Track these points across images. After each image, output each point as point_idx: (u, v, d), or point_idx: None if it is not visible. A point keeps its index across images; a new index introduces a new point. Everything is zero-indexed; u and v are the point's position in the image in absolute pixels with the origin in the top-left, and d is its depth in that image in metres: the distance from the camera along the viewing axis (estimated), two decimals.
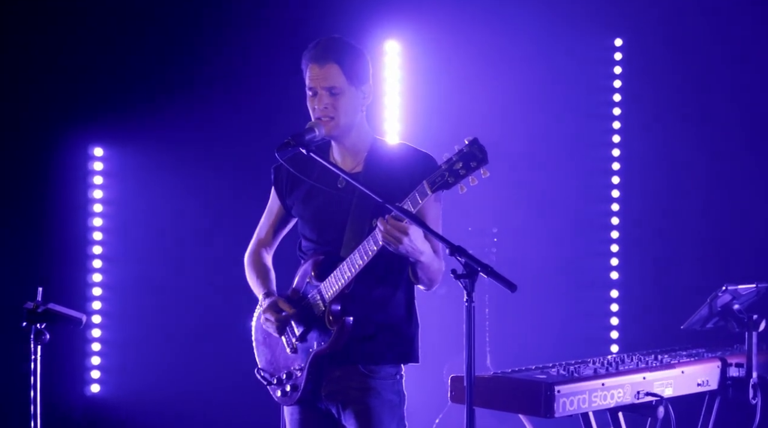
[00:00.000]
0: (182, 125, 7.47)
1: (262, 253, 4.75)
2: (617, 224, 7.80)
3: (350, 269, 4.24)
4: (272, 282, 4.67)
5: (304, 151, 4.28)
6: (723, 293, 5.01)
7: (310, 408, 4.48)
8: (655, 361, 4.84)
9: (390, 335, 4.39)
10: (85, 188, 7.46)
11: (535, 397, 4.27)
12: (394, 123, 7.68)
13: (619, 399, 4.50)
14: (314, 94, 4.38)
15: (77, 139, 7.42)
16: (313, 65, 4.38)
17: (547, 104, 7.74)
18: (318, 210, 4.47)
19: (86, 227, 7.47)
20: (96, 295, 7.49)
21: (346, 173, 4.30)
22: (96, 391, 7.49)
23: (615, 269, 7.79)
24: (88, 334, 7.45)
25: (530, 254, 7.62)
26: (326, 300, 4.34)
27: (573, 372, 4.48)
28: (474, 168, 3.97)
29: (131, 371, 7.50)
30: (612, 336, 7.74)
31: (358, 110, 4.41)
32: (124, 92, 7.42)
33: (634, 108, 7.78)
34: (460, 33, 7.69)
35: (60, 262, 7.39)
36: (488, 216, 7.62)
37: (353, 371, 4.37)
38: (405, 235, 4.01)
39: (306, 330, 4.40)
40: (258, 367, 4.63)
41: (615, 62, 7.83)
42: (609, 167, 7.82)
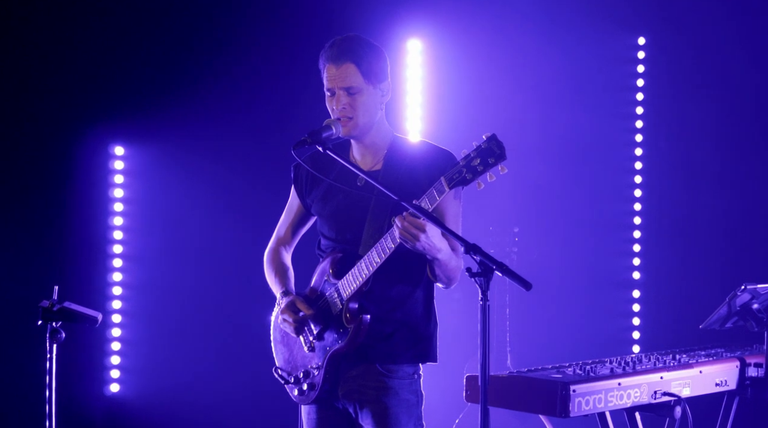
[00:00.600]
0: (203, 123, 7.46)
1: (281, 251, 4.75)
2: (639, 223, 7.76)
3: (368, 267, 4.22)
4: (290, 281, 4.66)
5: (321, 148, 4.26)
6: (742, 292, 4.95)
7: (328, 407, 4.46)
8: (673, 361, 4.79)
9: (408, 334, 4.36)
10: (106, 187, 7.44)
11: (550, 397, 4.23)
12: (416, 122, 7.64)
13: (636, 399, 4.45)
14: (332, 95, 4.37)
15: (98, 137, 7.40)
16: (330, 66, 4.35)
17: (570, 103, 7.68)
18: (337, 209, 4.46)
19: (107, 226, 7.45)
20: (116, 294, 7.47)
21: (365, 171, 4.27)
22: (115, 391, 7.47)
23: (637, 269, 7.74)
24: (108, 333, 7.44)
25: (552, 254, 7.59)
26: (344, 298, 4.32)
27: (589, 372, 4.43)
28: (492, 164, 3.93)
29: (151, 370, 7.48)
30: (634, 337, 7.69)
31: (377, 108, 4.39)
32: (145, 91, 7.41)
33: (657, 107, 7.73)
34: (482, 31, 7.66)
35: (80, 261, 7.37)
36: (510, 216, 7.59)
37: (371, 370, 4.35)
38: (422, 232, 3.98)
39: (323, 328, 4.39)
40: (276, 366, 4.62)
41: (638, 61, 7.79)
42: (632, 166, 7.78)
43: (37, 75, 7.21)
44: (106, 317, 7.40)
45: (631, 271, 7.75)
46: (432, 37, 7.70)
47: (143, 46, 7.41)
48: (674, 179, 7.66)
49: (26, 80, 7.18)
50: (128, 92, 7.40)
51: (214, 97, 7.47)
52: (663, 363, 4.73)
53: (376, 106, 4.38)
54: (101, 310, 7.30)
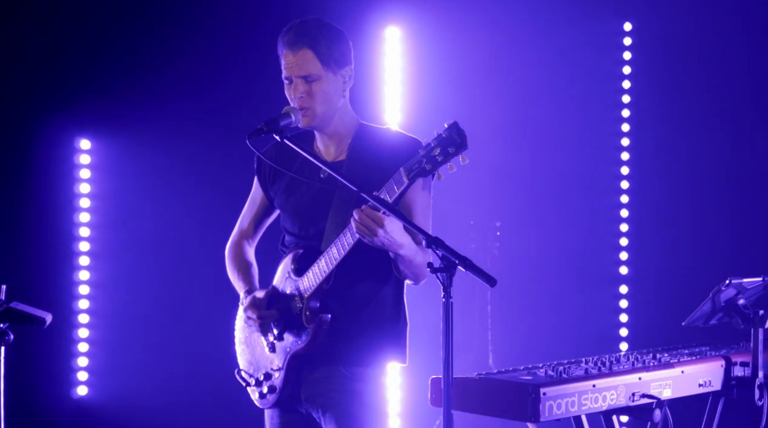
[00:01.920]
0: (172, 116, 7.28)
1: (243, 246, 4.56)
2: (627, 216, 7.59)
3: (328, 264, 4.02)
4: (254, 278, 4.46)
5: (278, 138, 4.07)
6: (726, 287, 4.70)
7: (290, 411, 4.27)
8: (653, 360, 4.55)
9: (374, 334, 4.15)
10: (72, 182, 7.25)
11: (519, 400, 4.00)
12: (394, 112, 7.43)
13: (612, 401, 4.21)
14: (290, 83, 4.17)
15: (63, 131, 7.21)
16: (287, 52, 4.15)
17: (554, 92, 7.51)
18: (299, 202, 4.25)
19: (72, 223, 7.26)
20: (83, 293, 7.26)
21: (327, 162, 4.13)
22: (83, 394, 7.28)
23: (624, 264, 7.56)
24: (74, 334, 7.24)
25: (535, 249, 7.44)
26: (304, 297, 4.12)
27: (562, 373, 4.18)
28: (452, 154, 3.72)
29: (119, 372, 7.29)
30: (621, 334, 7.53)
31: (339, 95, 4.19)
32: (111, 83, 7.21)
33: (644, 96, 7.55)
34: (464, 18, 7.49)
35: (45, 259, 7.19)
36: (491, 209, 7.42)
37: (335, 372, 4.15)
38: (380, 226, 3.78)
39: (284, 327, 4.19)
40: (238, 368, 4.43)
41: (624, 47, 7.60)
42: (618, 157, 7.60)
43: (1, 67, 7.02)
44: (72, 317, 7.22)
45: (618, 266, 7.57)
46: (411, 24, 7.49)
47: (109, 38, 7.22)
48: (662, 170, 7.49)
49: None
50: (94, 84, 7.20)
51: (185, 90, 7.29)
52: (642, 363, 4.48)
53: (336, 93, 4.18)
54: (67, 310, 7.21)
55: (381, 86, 7.42)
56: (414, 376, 6.92)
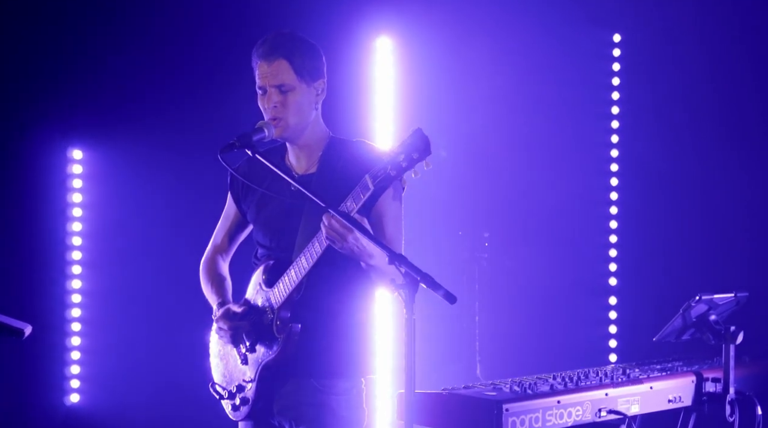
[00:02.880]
0: (164, 126, 7.28)
1: (217, 260, 4.66)
2: (616, 228, 7.54)
3: (297, 274, 4.08)
4: (228, 291, 4.54)
5: (250, 152, 4.12)
6: (697, 303, 4.72)
7: (263, 424, 4.32)
8: (622, 376, 4.57)
9: (345, 346, 4.21)
10: (64, 192, 7.27)
11: (482, 416, 4.03)
12: (386, 124, 7.40)
13: (578, 417, 4.23)
14: (264, 93, 4.28)
15: (55, 141, 7.24)
16: (261, 63, 4.25)
17: (543, 103, 7.48)
18: (271, 216, 4.32)
19: (65, 232, 7.28)
20: (75, 302, 7.28)
21: (298, 175, 4.22)
22: (75, 401, 7.30)
23: (614, 275, 7.52)
24: (67, 342, 7.26)
25: (524, 260, 7.41)
26: (274, 307, 4.16)
27: (527, 389, 4.20)
28: (416, 160, 3.77)
29: (111, 380, 7.31)
30: (611, 345, 7.48)
31: (311, 108, 4.25)
32: (103, 93, 7.22)
33: (634, 106, 7.52)
34: (455, 29, 7.45)
35: (38, 268, 7.21)
36: (480, 219, 7.41)
37: (306, 385, 4.20)
38: (350, 232, 3.83)
39: (256, 339, 4.25)
40: (212, 381, 4.49)
41: (613, 59, 7.57)
42: (607, 168, 7.57)
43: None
44: (65, 325, 7.25)
45: (607, 277, 7.53)
46: (403, 34, 7.45)
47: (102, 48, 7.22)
48: (652, 181, 7.44)
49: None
50: (86, 94, 7.22)
51: (177, 100, 7.28)
52: (610, 378, 4.50)
53: (309, 105, 4.24)
54: (59, 318, 7.24)
55: (372, 97, 7.38)
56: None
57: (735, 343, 4.66)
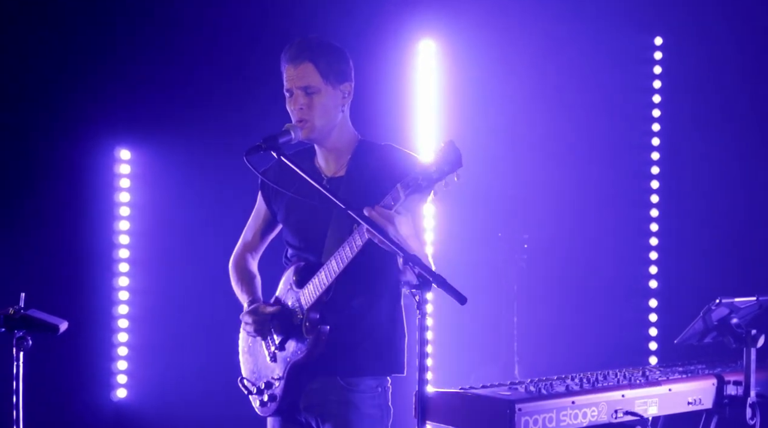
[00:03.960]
0: (210, 126, 7.37)
1: (247, 258, 4.73)
2: (657, 230, 7.53)
3: (327, 276, 4.15)
4: (257, 289, 4.62)
5: (275, 154, 4.19)
6: (717, 306, 4.72)
7: (290, 420, 4.40)
8: (641, 378, 4.57)
9: (371, 346, 4.28)
10: (112, 192, 7.40)
11: (496, 416, 4.05)
12: (428, 127, 7.45)
13: (593, 418, 4.24)
14: (291, 95, 4.35)
15: (104, 141, 7.36)
16: (288, 66, 4.34)
17: (584, 105, 7.49)
18: (300, 217, 4.40)
19: (112, 231, 7.41)
20: (123, 299, 7.41)
21: (324, 178, 4.32)
22: (122, 397, 7.43)
23: (654, 278, 7.51)
24: (114, 339, 7.40)
25: (564, 262, 7.42)
26: (304, 308, 4.25)
27: (542, 389, 4.23)
28: (447, 172, 3.80)
29: (157, 375, 7.44)
30: (651, 347, 7.47)
31: (337, 110, 4.32)
32: (151, 94, 7.34)
33: (675, 109, 7.51)
34: (498, 31, 7.48)
35: (86, 266, 7.34)
36: (519, 222, 7.42)
37: (332, 383, 4.28)
38: (390, 224, 3.87)
39: (285, 338, 4.33)
40: (241, 376, 4.56)
41: (655, 62, 7.56)
42: (648, 170, 7.56)
43: (43, 78, 7.17)
44: (112, 322, 7.38)
45: (647, 279, 7.52)
46: (446, 37, 7.51)
47: (150, 49, 7.34)
48: (693, 184, 7.43)
49: (31, 83, 7.15)
50: (134, 96, 7.33)
51: (223, 101, 7.39)
52: (628, 380, 4.51)
53: (335, 107, 4.30)
54: (107, 315, 7.38)
55: (414, 101, 7.43)
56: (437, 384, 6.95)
57: (756, 346, 4.64)
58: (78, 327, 7.05)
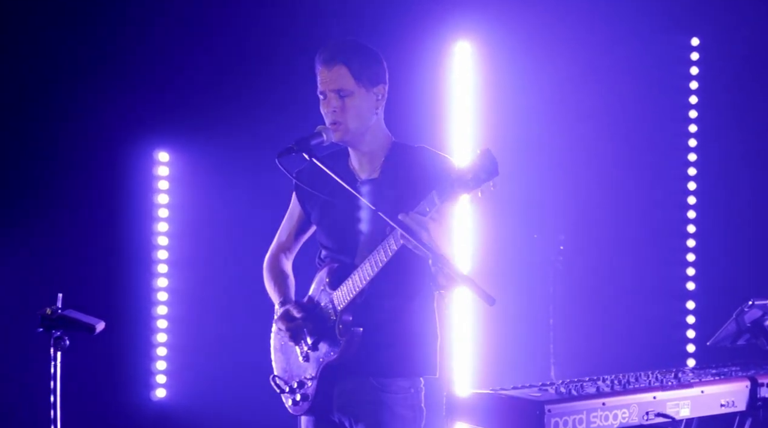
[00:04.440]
0: (248, 128, 7.40)
1: (281, 258, 4.74)
2: (694, 232, 7.50)
3: (361, 279, 4.16)
4: (290, 289, 4.62)
5: (307, 157, 4.22)
6: (750, 308, 4.70)
7: (324, 419, 4.41)
8: (673, 380, 4.57)
9: (403, 347, 4.27)
10: (150, 193, 7.44)
11: (526, 417, 4.07)
12: (464, 129, 7.45)
13: (624, 419, 4.24)
14: (324, 98, 4.34)
15: (142, 143, 7.40)
16: (322, 69, 4.34)
17: (621, 107, 7.49)
18: (334, 219, 4.41)
19: (151, 232, 7.45)
20: (161, 300, 7.45)
21: (357, 180, 4.31)
22: (161, 396, 7.47)
23: (692, 279, 7.48)
24: (153, 339, 7.45)
25: (600, 263, 7.41)
26: (337, 310, 4.26)
27: (572, 391, 4.24)
28: (483, 180, 3.79)
29: (196, 375, 7.47)
30: (688, 350, 7.44)
31: (371, 112, 4.32)
32: (189, 96, 7.38)
33: (712, 110, 7.48)
34: (534, 33, 7.47)
35: (125, 267, 7.38)
36: (555, 222, 7.40)
37: (365, 384, 4.28)
38: (425, 230, 3.87)
39: (318, 338, 4.34)
40: (273, 374, 4.58)
41: (692, 62, 7.54)
42: (685, 172, 7.54)
43: (81, 81, 7.22)
44: (151, 322, 7.43)
45: (685, 281, 7.50)
46: (482, 38, 7.50)
47: (187, 52, 7.39)
48: (730, 185, 7.40)
49: (70, 86, 7.20)
50: (173, 98, 7.37)
51: (261, 103, 7.41)
52: (660, 382, 4.51)
53: (369, 110, 4.31)
54: (146, 316, 7.44)
55: (449, 103, 7.43)
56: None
57: None
58: (117, 327, 7.16)
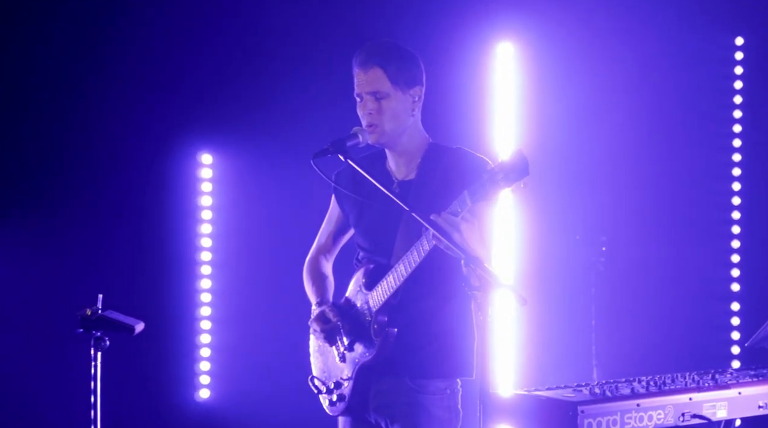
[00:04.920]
0: (291, 129, 7.40)
1: (320, 260, 4.76)
2: (738, 233, 7.42)
3: (396, 280, 4.17)
4: (327, 290, 4.64)
5: (342, 158, 4.23)
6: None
7: (361, 420, 4.43)
8: (711, 381, 4.53)
9: (439, 348, 4.27)
10: (194, 195, 7.48)
11: (559, 417, 4.07)
12: (507, 131, 7.41)
13: (659, 421, 4.23)
14: (361, 100, 4.35)
15: (186, 146, 7.45)
16: (358, 71, 4.36)
17: (664, 107, 7.42)
18: (371, 220, 4.43)
19: (195, 234, 7.49)
20: (205, 301, 7.50)
21: (394, 181, 4.34)
22: (205, 397, 7.51)
23: (736, 281, 7.41)
24: (197, 340, 7.49)
25: (642, 264, 7.34)
26: (372, 310, 4.27)
27: (607, 391, 4.22)
28: (514, 179, 3.78)
29: (240, 376, 7.50)
30: (733, 352, 7.37)
31: (407, 114, 4.32)
32: (232, 99, 7.42)
33: (756, 110, 7.41)
34: (577, 33, 7.41)
35: (169, 269, 7.44)
36: (597, 223, 7.35)
37: (401, 384, 4.29)
38: (456, 231, 3.87)
39: (354, 339, 4.36)
40: (311, 375, 4.61)
41: (736, 62, 7.46)
42: (729, 172, 7.47)
43: (125, 84, 7.28)
44: (195, 323, 7.48)
45: (729, 283, 7.43)
46: (525, 39, 7.45)
47: (231, 54, 7.43)
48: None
49: (113, 89, 7.26)
50: (216, 100, 7.42)
51: (301, 103, 7.42)
52: (697, 383, 4.48)
53: (405, 112, 4.31)
54: (190, 317, 7.48)
55: (492, 105, 7.40)
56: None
57: None
58: (162, 329, 7.26)
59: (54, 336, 6.81)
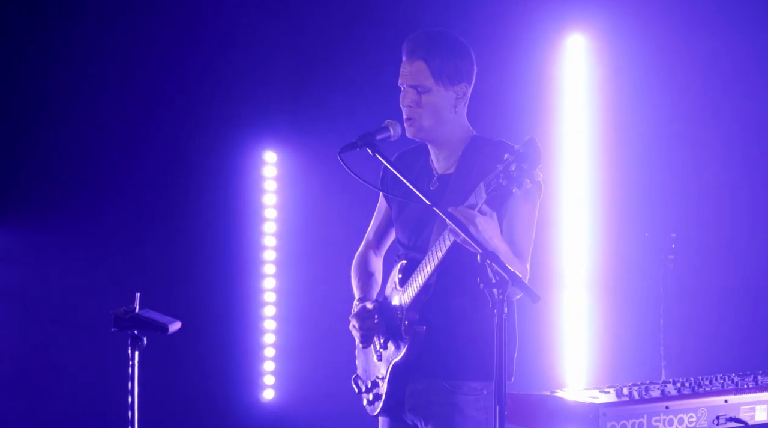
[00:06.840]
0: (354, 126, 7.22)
1: (368, 256, 4.74)
2: None
3: (422, 276, 4.10)
4: (372, 287, 4.59)
5: (370, 151, 4.15)
6: None
7: (398, 419, 4.36)
8: (752, 382, 4.33)
9: (474, 348, 4.15)
10: (258, 194, 7.47)
11: (580, 420, 3.93)
12: (578, 125, 7.27)
13: (691, 424, 4.06)
14: (403, 91, 4.28)
15: (250, 144, 7.44)
16: (404, 61, 4.27)
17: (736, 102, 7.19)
18: (409, 215, 4.34)
19: (259, 233, 7.47)
20: (269, 301, 7.47)
21: (435, 175, 4.26)
22: (270, 398, 7.49)
23: None
24: (262, 340, 7.47)
25: (713, 262, 7.14)
26: (404, 308, 4.18)
27: (634, 393, 4.05)
28: (526, 169, 3.65)
29: (305, 377, 7.46)
30: None
31: (448, 110, 4.21)
32: (296, 96, 7.41)
33: None
34: (653, 25, 7.21)
35: (233, 268, 7.43)
36: (667, 220, 7.16)
37: (436, 385, 4.19)
38: (471, 224, 3.76)
39: (387, 338, 4.30)
40: (355, 374, 4.61)
41: None
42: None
43: (188, 82, 7.29)
44: (260, 323, 7.46)
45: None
46: (597, 31, 7.30)
47: (295, 52, 7.42)
48: None
49: (176, 88, 7.28)
50: (280, 98, 7.40)
51: (365, 100, 7.30)
52: (735, 384, 4.28)
53: (446, 108, 4.20)
54: (254, 317, 7.46)
55: (561, 100, 7.26)
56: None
57: None
58: (226, 328, 7.27)
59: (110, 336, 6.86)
